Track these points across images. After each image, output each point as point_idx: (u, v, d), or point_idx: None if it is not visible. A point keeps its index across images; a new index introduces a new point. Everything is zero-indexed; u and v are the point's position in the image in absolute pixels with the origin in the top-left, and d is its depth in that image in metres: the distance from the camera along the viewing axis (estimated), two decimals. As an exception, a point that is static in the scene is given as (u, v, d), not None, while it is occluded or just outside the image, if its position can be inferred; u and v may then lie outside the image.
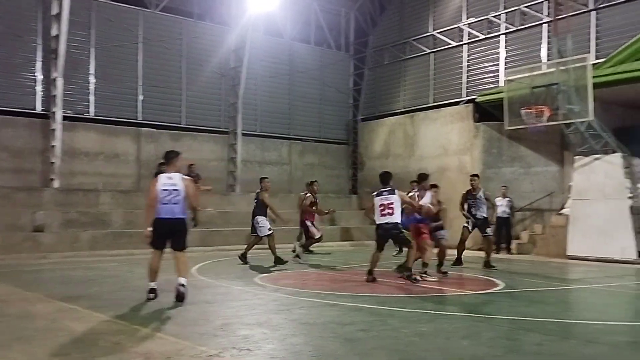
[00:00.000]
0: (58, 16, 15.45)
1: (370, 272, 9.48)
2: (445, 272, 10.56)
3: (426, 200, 10.31)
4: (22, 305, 7.23)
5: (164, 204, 7.57)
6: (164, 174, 7.76)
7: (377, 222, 9.50)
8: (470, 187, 12.21)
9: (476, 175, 12.72)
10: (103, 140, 16.92)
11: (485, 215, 12.00)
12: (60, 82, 15.66)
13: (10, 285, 8.98)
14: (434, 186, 11.67)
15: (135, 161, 17.49)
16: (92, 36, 16.76)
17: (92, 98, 16.80)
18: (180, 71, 18.37)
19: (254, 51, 19.25)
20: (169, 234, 7.68)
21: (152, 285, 7.72)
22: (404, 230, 9.63)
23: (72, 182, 16.25)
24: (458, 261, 12.18)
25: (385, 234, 9.43)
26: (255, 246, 12.77)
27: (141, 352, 4.92)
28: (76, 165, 16.45)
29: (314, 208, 14.56)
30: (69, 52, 15.85)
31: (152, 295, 7.63)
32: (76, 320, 6.30)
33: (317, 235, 14.43)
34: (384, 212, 9.37)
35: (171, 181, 7.65)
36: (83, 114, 16.69)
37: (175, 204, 7.59)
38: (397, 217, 9.39)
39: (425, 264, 10.00)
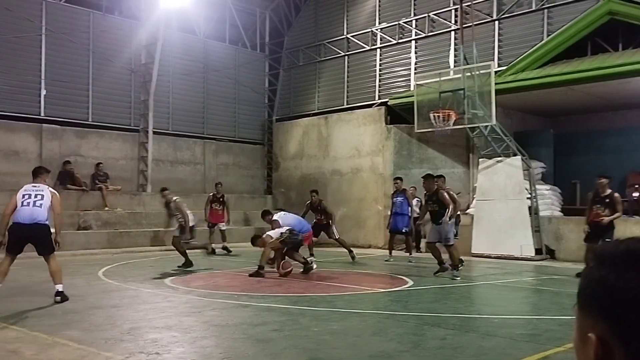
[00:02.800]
0: (-50, 2, 14.38)
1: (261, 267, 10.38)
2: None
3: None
4: None
5: (24, 206, 7.26)
6: (30, 183, 7.53)
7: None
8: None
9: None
10: (0, 136, 15.89)
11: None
12: (-48, 74, 14.58)
13: None
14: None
15: (36, 159, 16.51)
16: (-10, 25, 15.72)
17: (-11, 91, 15.76)
18: (88, 65, 17.56)
19: (167, 48, 18.77)
20: (29, 239, 7.33)
21: None
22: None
23: (-34, 181, 15.15)
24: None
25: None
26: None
27: (41, 359, 4.69)
28: (-30, 163, 15.36)
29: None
30: (-37, 41, 14.78)
31: None
32: (-32, 328, 5.91)
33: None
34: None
35: (37, 187, 7.42)
36: (-21, 109, 15.62)
37: (37, 207, 7.26)
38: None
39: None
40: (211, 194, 15.78)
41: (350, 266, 12.57)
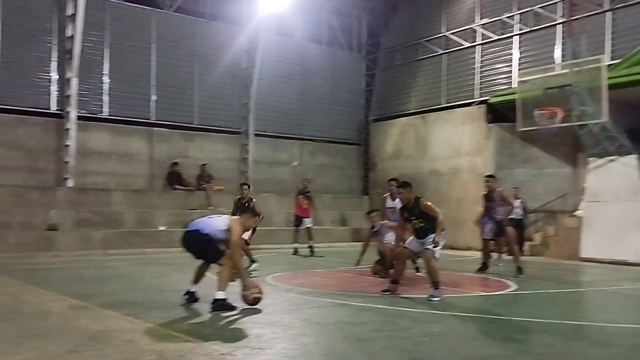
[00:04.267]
0: (73, 17, 15.58)
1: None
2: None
3: None
4: (36, 303, 7.31)
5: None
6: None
7: None
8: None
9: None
10: (116, 139, 17.04)
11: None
12: (74, 82, 15.79)
13: (25, 283, 9.09)
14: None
15: (147, 161, 17.60)
16: (106, 36, 16.87)
17: (105, 98, 16.92)
18: (193, 71, 18.46)
19: (266, 51, 19.30)
20: None
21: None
22: None
23: (85, 181, 16.37)
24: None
25: None
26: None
27: (155, 349, 4.97)
28: (89, 164, 16.57)
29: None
30: (84, 52, 15.97)
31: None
32: (89, 318, 6.37)
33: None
34: None
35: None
36: (97, 114, 16.83)
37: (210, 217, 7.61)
38: None
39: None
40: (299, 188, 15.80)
41: (448, 268, 12.30)
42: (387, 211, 10.97)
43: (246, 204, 11.79)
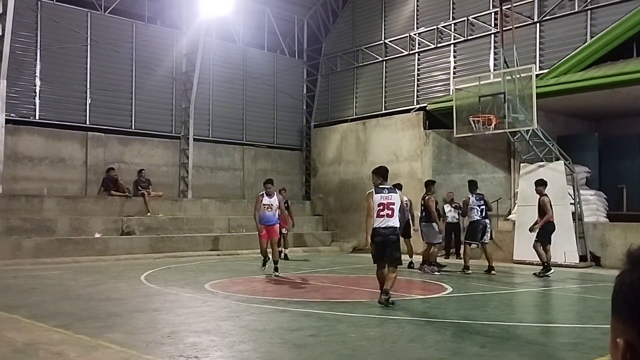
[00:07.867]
0: (2, 16, 14.92)
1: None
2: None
3: None
4: (-41, 316, 6.95)
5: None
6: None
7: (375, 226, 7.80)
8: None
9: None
10: (48, 144, 16.41)
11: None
12: (3, 85, 15.08)
13: (-53, 295, 8.62)
14: None
15: (82, 166, 17.03)
16: (38, 37, 16.26)
17: (37, 101, 16.29)
18: (131, 74, 18.01)
19: (207, 56, 19.08)
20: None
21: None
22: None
23: (15, 187, 15.69)
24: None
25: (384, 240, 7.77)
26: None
27: (84, 361, 4.82)
28: (19, 170, 15.89)
29: None
30: (14, 53, 15.31)
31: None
32: (16, 330, 6.10)
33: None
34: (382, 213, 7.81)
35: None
36: (28, 118, 16.17)
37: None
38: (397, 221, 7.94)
39: None
40: None
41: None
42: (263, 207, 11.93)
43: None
